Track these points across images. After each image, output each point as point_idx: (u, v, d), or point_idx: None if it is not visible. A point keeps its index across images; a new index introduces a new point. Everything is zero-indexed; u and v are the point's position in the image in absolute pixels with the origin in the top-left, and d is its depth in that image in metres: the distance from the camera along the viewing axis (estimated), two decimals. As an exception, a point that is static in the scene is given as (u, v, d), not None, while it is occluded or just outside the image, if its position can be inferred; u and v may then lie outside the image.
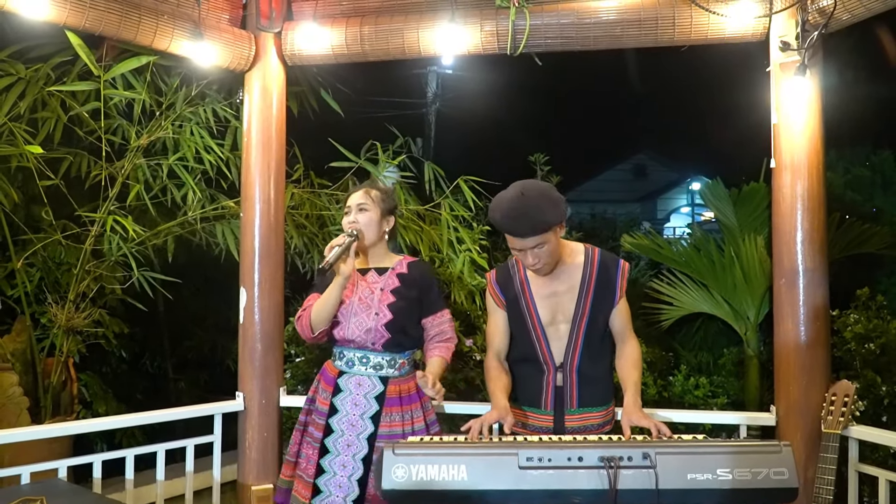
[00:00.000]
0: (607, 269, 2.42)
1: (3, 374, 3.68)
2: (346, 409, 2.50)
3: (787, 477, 1.83)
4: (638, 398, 2.31)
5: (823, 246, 2.88)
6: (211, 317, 5.94)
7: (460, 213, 4.30)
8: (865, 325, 3.64)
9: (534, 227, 2.19)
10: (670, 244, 5.04)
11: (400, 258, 2.64)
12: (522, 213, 2.18)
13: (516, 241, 2.24)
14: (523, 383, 2.48)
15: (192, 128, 3.88)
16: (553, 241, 2.26)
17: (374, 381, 2.52)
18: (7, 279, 4.07)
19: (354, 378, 2.53)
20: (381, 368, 2.52)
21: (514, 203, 2.20)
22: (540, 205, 2.19)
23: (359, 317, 2.51)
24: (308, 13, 3.32)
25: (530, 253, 2.25)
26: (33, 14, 2.70)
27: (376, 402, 2.50)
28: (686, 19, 2.97)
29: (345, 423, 2.49)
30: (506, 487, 1.84)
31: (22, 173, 3.91)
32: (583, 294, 2.40)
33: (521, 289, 2.46)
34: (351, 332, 2.50)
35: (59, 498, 2.11)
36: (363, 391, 2.51)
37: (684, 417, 3.07)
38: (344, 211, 2.60)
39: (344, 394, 2.52)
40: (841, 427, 2.64)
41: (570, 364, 2.41)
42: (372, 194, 2.57)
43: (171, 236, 4.18)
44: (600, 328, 2.43)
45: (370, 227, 2.55)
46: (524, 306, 2.45)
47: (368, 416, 2.49)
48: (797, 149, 2.86)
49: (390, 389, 2.52)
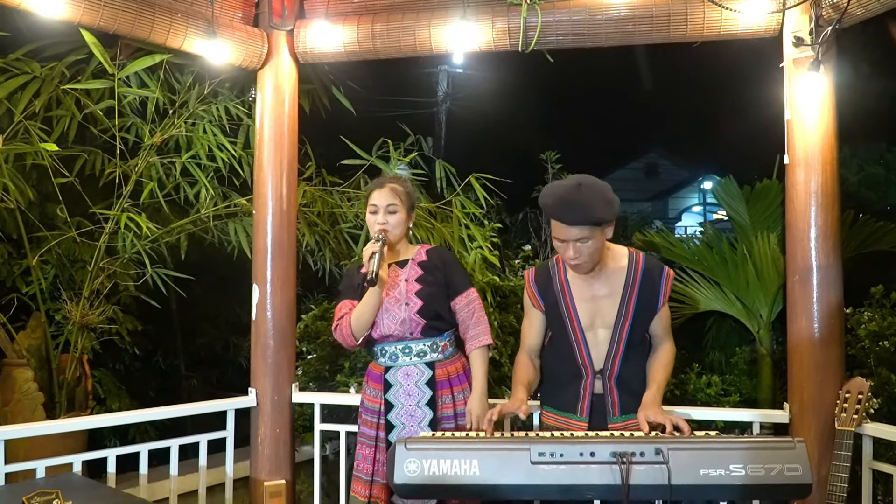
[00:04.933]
0: (652, 276, 2.37)
1: (19, 370, 3.72)
2: (401, 401, 2.53)
3: (800, 473, 1.82)
4: (658, 395, 2.27)
5: (837, 242, 2.86)
6: (223, 314, 5.97)
7: (472, 210, 4.30)
8: (880, 322, 3.61)
9: (583, 218, 2.16)
10: (682, 242, 5.02)
11: (417, 247, 2.66)
12: (575, 201, 2.16)
13: (562, 229, 2.20)
14: (560, 388, 2.45)
15: (205, 126, 3.90)
16: (598, 239, 2.22)
17: (422, 368, 2.54)
18: (22, 276, 4.11)
19: (402, 370, 2.55)
20: (424, 355, 2.55)
21: (570, 191, 2.18)
22: (594, 198, 2.17)
23: (391, 311, 2.52)
24: (320, 11, 3.34)
25: (572, 246, 2.21)
26: (49, 13, 2.72)
27: (428, 387, 2.53)
28: (698, 15, 2.96)
29: (403, 416, 2.52)
30: (518, 482, 1.84)
31: (37, 171, 3.94)
32: (625, 300, 2.35)
33: (560, 291, 2.41)
34: (387, 328, 2.52)
35: (74, 492, 2.12)
36: (413, 380, 2.54)
37: (696, 414, 3.05)
38: (368, 209, 2.58)
39: (395, 387, 2.55)
40: (855, 424, 2.62)
41: (609, 370, 2.36)
42: (399, 193, 2.57)
43: (184, 234, 4.20)
44: (641, 335, 2.39)
45: (399, 226, 2.56)
46: (564, 310, 2.40)
47: (424, 404, 2.52)
48: (811, 145, 2.85)
49: (439, 373, 2.55)
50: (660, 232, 5.37)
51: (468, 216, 4.31)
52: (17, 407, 3.68)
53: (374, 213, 2.56)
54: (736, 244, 4.42)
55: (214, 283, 5.60)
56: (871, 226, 4.31)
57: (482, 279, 4.23)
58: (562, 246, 2.25)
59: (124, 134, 3.87)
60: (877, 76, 6.71)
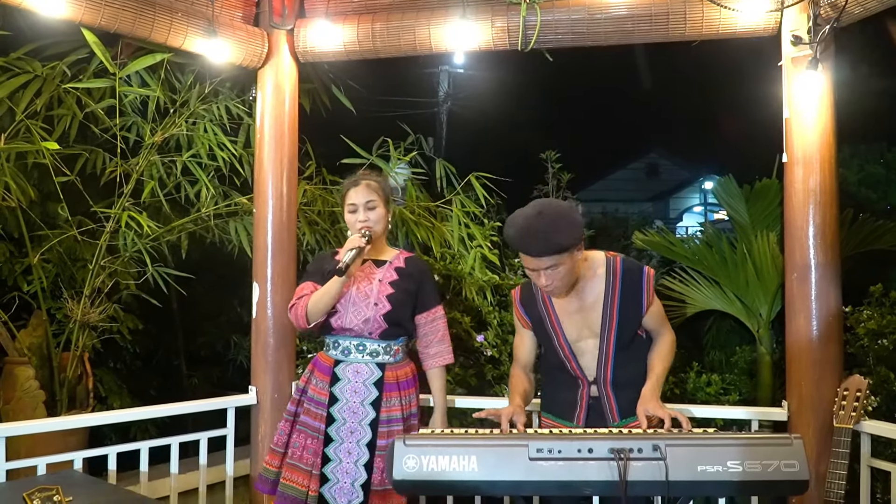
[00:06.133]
0: (632, 279, 2.35)
1: (20, 368, 3.73)
2: (347, 397, 2.54)
3: (797, 469, 1.82)
4: (657, 387, 2.27)
5: (836, 241, 2.87)
6: (224, 313, 5.97)
7: (471, 209, 4.31)
8: (879, 321, 3.61)
9: (547, 248, 2.11)
10: (682, 241, 5.02)
11: (397, 252, 2.69)
12: (536, 231, 2.11)
13: (529, 260, 2.17)
14: (558, 395, 2.47)
15: (206, 125, 3.91)
16: (568, 264, 2.18)
17: (372, 367, 2.56)
18: (24, 274, 4.12)
19: (352, 366, 2.57)
20: (377, 355, 2.57)
21: (530, 221, 2.13)
22: (556, 226, 2.12)
23: (357, 306, 2.54)
24: (320, 10, 3.35)
25: (543, 274, 2.18)
26: (50, 12, 2.74)
27: (375, 388, 2.55)
28: (697, 14, 2.97)
29: (346, 411, 2.53)
30: (516, 479, 1.85)
31: (38, 170, 3.95)
32: (608, 307, 2.34)
33: (544, 307, 2.41)
34: (349, 321, 2.54)
35: (75, 488, 2.13)
36: (361, 378, 2.55)
37: (695, 412, 3.06)
38: (347, 209, 2.59)
39: (343, 382, 2.56)
40: (853, 422, 2.62)
41: (603, 377, 2.37)
42: (375, 188, 2.58)
43: (185, 233, 4.21)
44: (630, 337, 2.39)
45: (380, 222, 2.58)
46: (549, 326, 2.41)
47: (369, 403, 2.54)
48: (809, 143, 2.86)
49: (388, 375, 2.57)
50: (660, 231, 5.37)
51: (468, 215, 4.32)
52: (18, 405, 3.69)
53: (353, 212, 2.57)
54: (736, 243, 4.41)
55: (215, 282, 5.60)
56: (871, 224, 4.31)
57: (481, 278, 4.24)
58: (533, 274, 2.23)
59: (125, 133, 3.88)
60: (877, 75, 6.71)
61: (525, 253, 2.17)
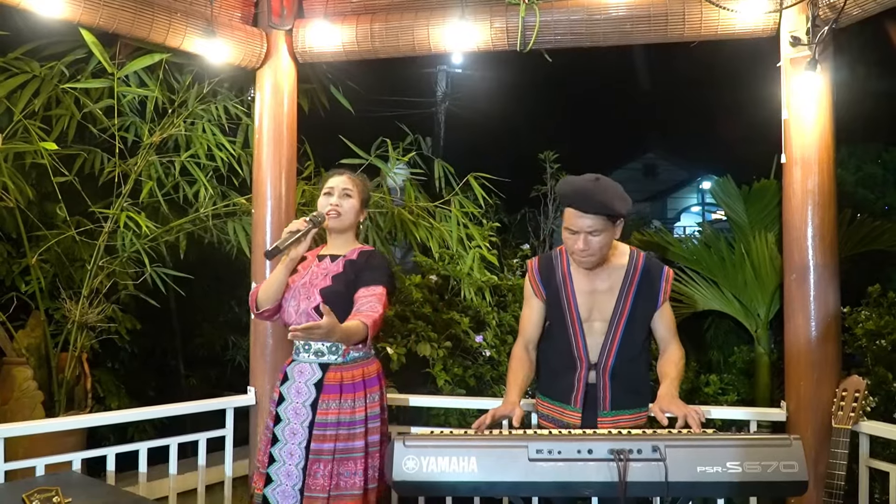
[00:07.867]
0: (650, 274, 2.40)
1: (18, 369, 3.72)
2: (291, 397, 2.49)
3: (796, 470, 1.83)
4: (672, 388, 2.25)
5: (834, 241, 2.88)
6: (222, 314, 5.97)
7: (470, 209, 4.31)
8: (877, 321, 3.62)
9: (599, 207, 2.20)
10: (680, 242, 5.02)
11: (358, 248, 2.59)
12: (594, 191, 2.22)
13: (576, 218, 2.24)
14: (555, 378, 2.47)
15: (204, 125, 3.90)
16: (608, 234, 2.27)
17: (314, 367, 2.49)
18: (22, 275, 4.10)
19: (298, 366, 2.52)
20: (322, 355, 2.49)
21: (588, 183, 2.25)
22: (611, 192, 2.23)
23: (297, 300, 2.50)
24: (319, 10, 3.35)
25: (583, 237, 2.24)
26: (48, 12, 2.73)
27: (315, 389, 2.47)
28: (696, 14, 2.98)
29: (290, 412, 2.48)
30: (516, 479, 1.85)
31: (36, 170, 3.94)
32: (623, 295, 2.38)
33: (562, 282, 2.44)
34: (289, 316, 2.50)
35: (74, 489, 2.13)
36: (304, 378, 2.49)
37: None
38: (323, 192, 2.57)
39: (290, 382, 2.52)
40: (851, 422, 2.63)
41: (604, 363, 2.39)
42: (356, 183, 2.59)
43: (183, 233, 4.21)
44: (639, 331, 2.41)
45: (350, 213, 2.55)
46: (564, 300, 2.43)
47: (308, 404, 2.47)
48: (808, 144, 2.86)
49: (329, 376, 2.46)
50: (658, 231, 5.38)
51: (467, 215, 4.32)
52: (16, 405, 3.68)
53: (328, 194, 2.55)
54: (734, 244, 4.42)
55: (213, 282, 5.60)
56: (869, 225, 4.32)
57: (480, 278, 4.24)
58: (572, 238, 2.28)
59: (123, 133, 3.87)
60: (875, 77, 6.73)
61: (578, 208, 2.23)
